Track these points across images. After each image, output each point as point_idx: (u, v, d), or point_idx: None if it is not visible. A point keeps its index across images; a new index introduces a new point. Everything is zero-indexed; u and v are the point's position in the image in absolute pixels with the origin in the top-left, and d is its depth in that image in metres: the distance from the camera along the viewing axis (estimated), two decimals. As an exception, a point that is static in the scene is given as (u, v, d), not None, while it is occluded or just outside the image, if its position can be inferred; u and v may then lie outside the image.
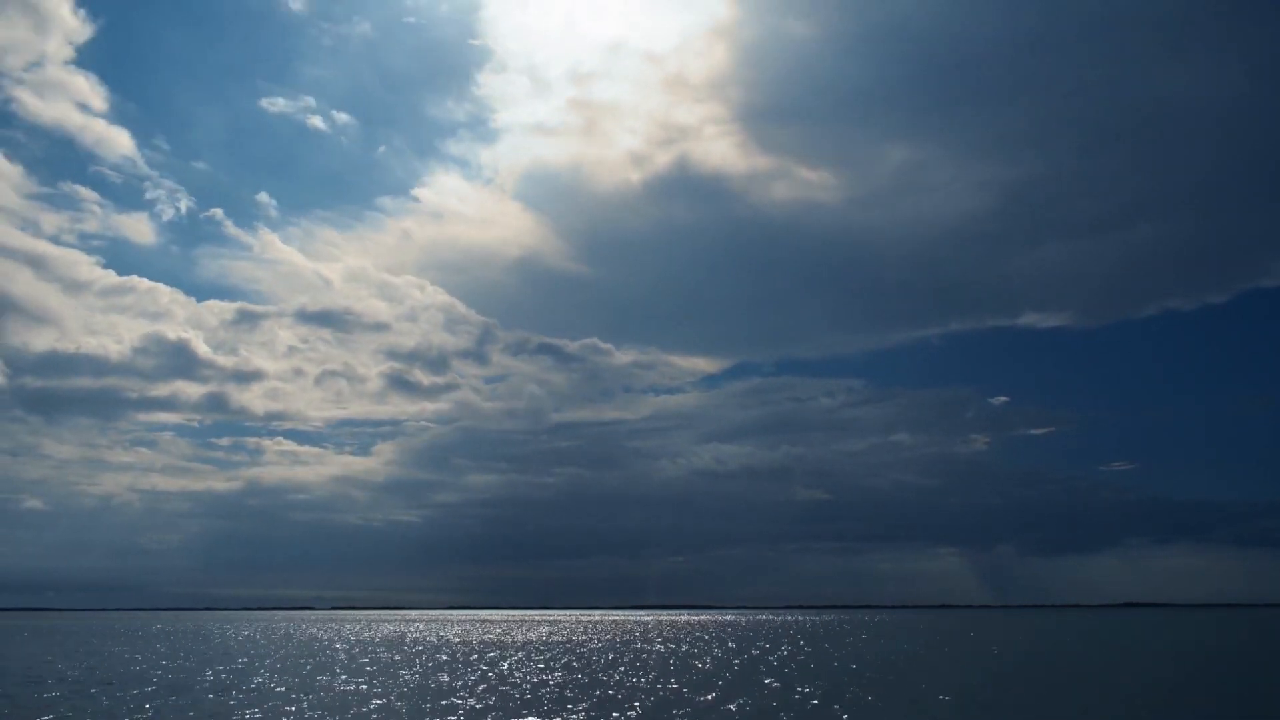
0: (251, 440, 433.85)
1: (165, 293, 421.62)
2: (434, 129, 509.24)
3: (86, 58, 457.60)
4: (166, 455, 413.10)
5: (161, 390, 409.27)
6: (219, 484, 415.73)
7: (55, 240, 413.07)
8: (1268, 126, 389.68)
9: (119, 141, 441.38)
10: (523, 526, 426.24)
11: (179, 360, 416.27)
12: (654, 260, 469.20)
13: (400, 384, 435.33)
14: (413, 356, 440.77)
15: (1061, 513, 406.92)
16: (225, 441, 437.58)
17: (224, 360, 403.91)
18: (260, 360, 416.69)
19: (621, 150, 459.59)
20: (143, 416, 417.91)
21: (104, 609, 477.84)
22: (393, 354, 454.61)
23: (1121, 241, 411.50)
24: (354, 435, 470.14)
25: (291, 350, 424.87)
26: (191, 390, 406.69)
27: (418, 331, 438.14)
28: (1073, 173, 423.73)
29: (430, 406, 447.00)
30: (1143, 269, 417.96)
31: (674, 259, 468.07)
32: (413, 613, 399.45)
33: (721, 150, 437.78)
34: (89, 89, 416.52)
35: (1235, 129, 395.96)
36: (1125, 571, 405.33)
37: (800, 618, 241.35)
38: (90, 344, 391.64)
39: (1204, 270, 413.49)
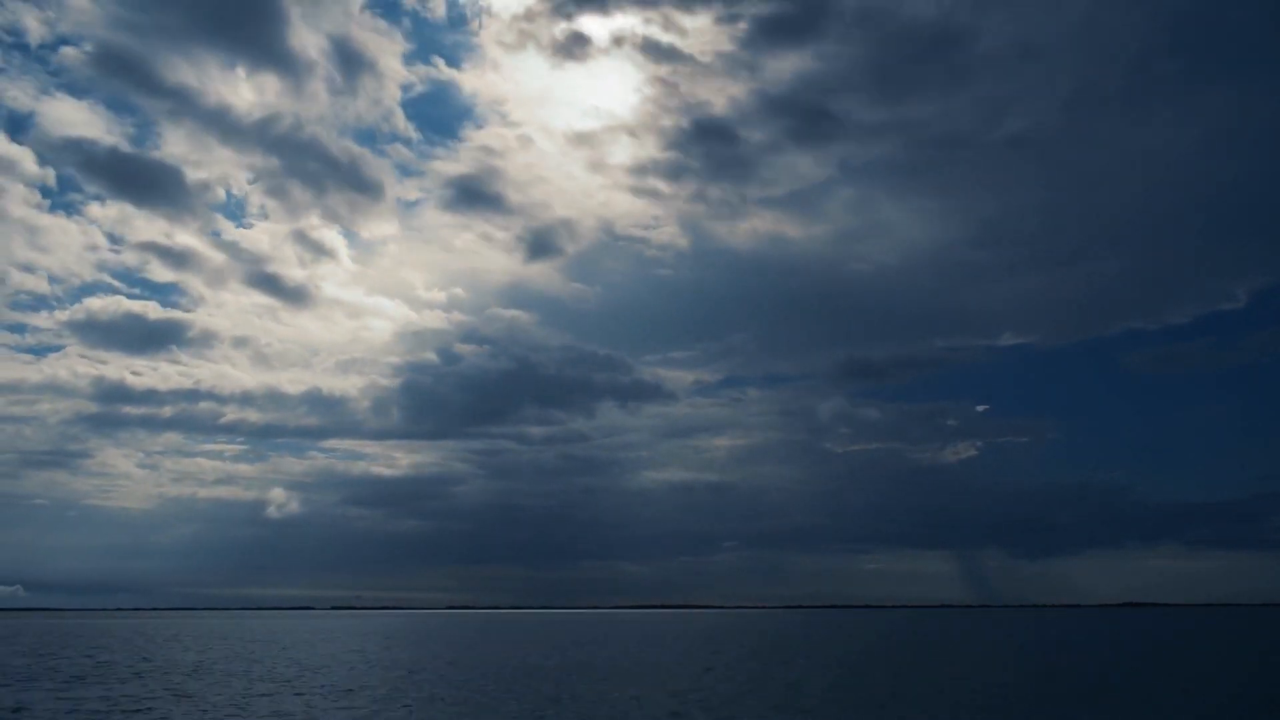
0: (252, 449, 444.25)
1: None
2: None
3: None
4: (173, 461, 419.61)
5: (189, 406, 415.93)
6: (222, 488, 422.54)
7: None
8: (1221, 177, 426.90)
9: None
10: (524, 530, 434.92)
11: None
12: (641, 283, 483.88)
13: (398, 390, 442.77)
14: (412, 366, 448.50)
15: (1049, 516, 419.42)
16: (232, 449, 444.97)
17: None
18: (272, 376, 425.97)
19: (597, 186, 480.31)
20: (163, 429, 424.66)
21: (104, 609, 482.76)
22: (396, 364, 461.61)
23: (1089, 271, 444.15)
24: (351, 439, 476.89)
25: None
26: (209, 405, 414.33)
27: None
28: (1040, 211, 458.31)
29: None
30: (1107, 295, 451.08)
31: (660, 283, 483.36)
32: (416, 613, 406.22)
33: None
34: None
35: (1189, 177, 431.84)
36: (1117, 572, 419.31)
37: (798, 617, 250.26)
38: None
39: (1165, 297, 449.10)
